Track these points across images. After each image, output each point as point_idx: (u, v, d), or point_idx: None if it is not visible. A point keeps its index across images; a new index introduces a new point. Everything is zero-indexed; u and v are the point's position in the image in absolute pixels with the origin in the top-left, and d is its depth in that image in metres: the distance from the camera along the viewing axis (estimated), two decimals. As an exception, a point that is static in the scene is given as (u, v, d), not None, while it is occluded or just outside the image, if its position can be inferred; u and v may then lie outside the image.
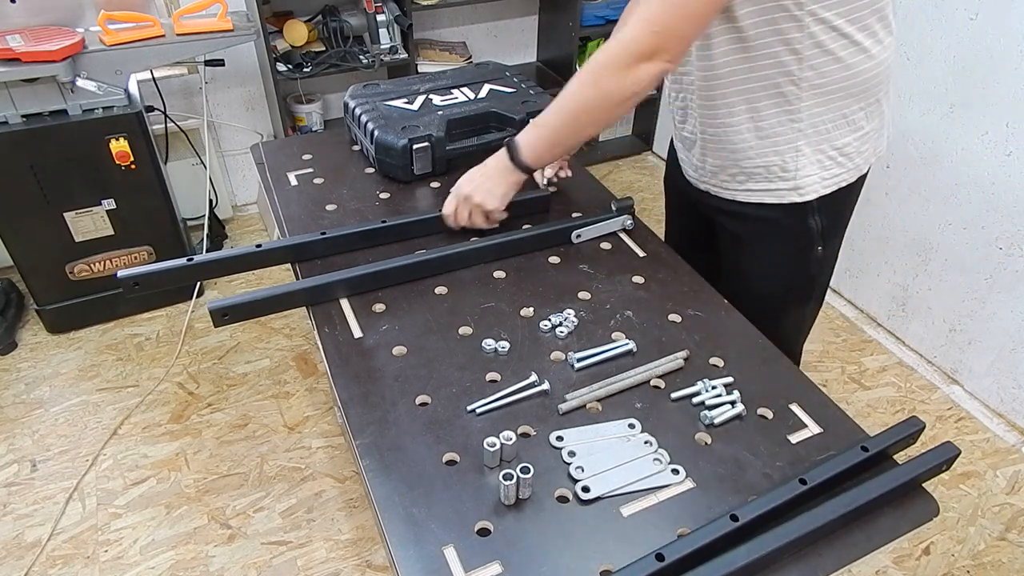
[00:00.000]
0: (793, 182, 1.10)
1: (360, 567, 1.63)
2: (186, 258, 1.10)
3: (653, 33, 0.92)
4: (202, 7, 2.04)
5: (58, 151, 1.96)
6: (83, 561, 1.64)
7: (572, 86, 1.01)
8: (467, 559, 0.74)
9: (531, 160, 1.09)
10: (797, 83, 1.01)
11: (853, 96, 1.04)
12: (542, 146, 1.08)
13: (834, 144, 1.07)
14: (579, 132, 1.06)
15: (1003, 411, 2.04)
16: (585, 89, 1.00)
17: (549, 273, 1.15)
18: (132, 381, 2.11)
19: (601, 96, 0.99)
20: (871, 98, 1.06)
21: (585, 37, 2.87)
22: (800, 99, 1.02)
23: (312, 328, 1.05)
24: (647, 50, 0.93)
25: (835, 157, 1.08)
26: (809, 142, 1.06)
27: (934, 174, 2.06)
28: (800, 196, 1.11)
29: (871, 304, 2.40)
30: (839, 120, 1.05)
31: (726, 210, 1.19)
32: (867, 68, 1.02)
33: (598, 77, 0.97)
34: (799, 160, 1.08)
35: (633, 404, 0.92)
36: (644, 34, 0.92)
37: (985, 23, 1.81)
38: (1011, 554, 1.69)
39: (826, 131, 1.06)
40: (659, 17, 0.91)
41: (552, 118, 1.05)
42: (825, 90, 1.02)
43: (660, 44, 0.92)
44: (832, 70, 1.00)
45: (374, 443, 0.86)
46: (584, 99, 1.00)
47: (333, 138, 1.53)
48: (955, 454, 0.83)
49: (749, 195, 1.14)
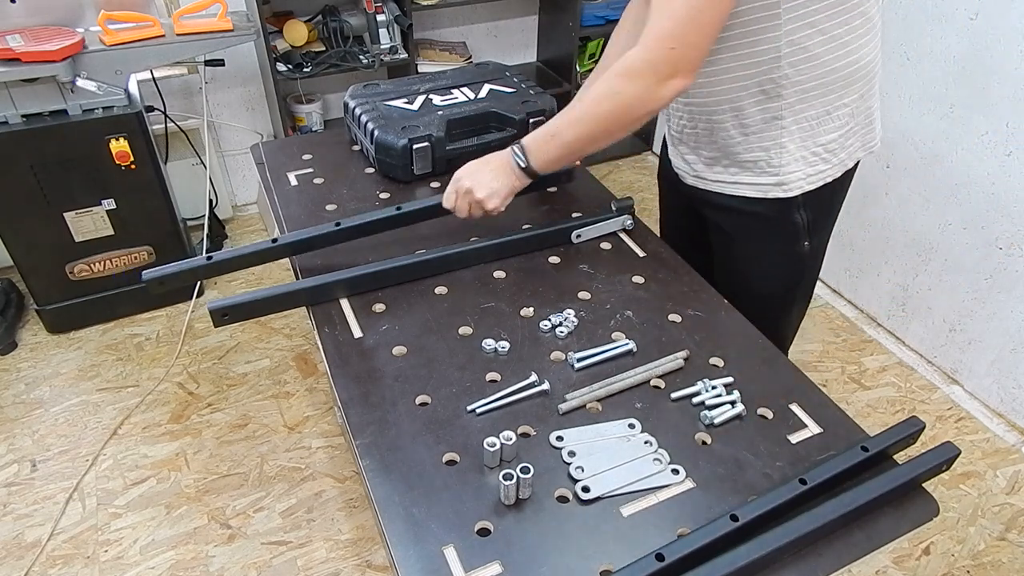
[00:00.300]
0: (777, 178, 1.11)
1: (360, 567, 1.63)
2: (205, 257, 1.12)
3: (670, 51, 0.91)
4: (202, 7, 2.04)
5: (58, 151, 1.96)
6: (83, 561, 1.64)
7: (590, 100, 1.00)
8: (467, 559, 0.74)
9: (539, 166, 1.07)
10: (778, 81, 1.02)
11: (835, 92, 1.04)
12: (552, 154, 1.06)
13: (818, 141, 1.08)
14: (592, 145, 1.04)
15: (1003, 411, 2.04)
16: (604, 104, 0.98)
17: (549, 273, 1.15)
18: (132, 381, 2.11)
19: (621, 112, 0.98)
20: (854, 94, 1.07)
21: (585, 37, 2.87)
22: (781, 96, 1.03)
23: (312, 328, 1.05)
24: (668, 69, 0.92)
25: (819, 153, 1.09)
26: (793, 139, 1.07)
27: (934, 174, 2.06)
28: (784, 192, 1.12)
29: (871, 304, 2.40)
30: (823, 116, 1.06)
31: (715, 204, 1.20)
32: (848, 63, 1.02)
33: (619, 94, 0.96)
34: (783, 156, 1.09)
35: (633, 404, 0.92)
36: (662, 52, 0.92)
37: (985, 23, 1.81)
38: (1011, 554, 1.69)
39: (810, 128, 1.07)
40: (673, 34, 0.90)
41: (566, 129, 1.03)
42: (806, 87, 1.02)
43: (679, 61, 0.92)
44: (811, 67, 1.00)
45: (374, 443, 0.86)
46: (602, 114, 0.99)
47: (333, 138, 1.53)
48: (955, 454, 0.83)
49: (736, 188, 1.15)
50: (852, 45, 1.01)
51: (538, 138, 1.07)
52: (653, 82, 0.93)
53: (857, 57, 1.03)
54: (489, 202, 1.10)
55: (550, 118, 1.41)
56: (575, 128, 1.03)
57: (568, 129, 1.03)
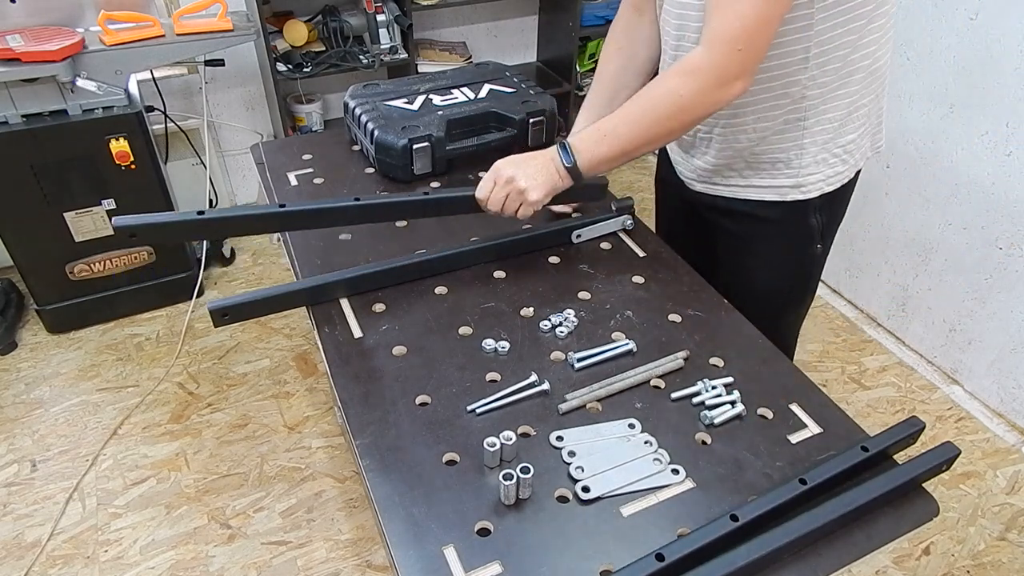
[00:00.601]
0: (796, 179, 1.10)
1: (360, 567, 1.63)
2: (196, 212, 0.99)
3: (737, 52, 0.90)
4: (202, 7, 2.04)
5: (58, 151, 1.96)
6: (83, 561, 1.64)
7: (648, 100, 0.98)
8: (467, 559, 0.74)
9: (587, 167, 1.03)
10: (804, 83, 1.01)
11: (858, 93, 1.04)
12: (602, 154, 1.02)
13: (838, 142, 1.07)
14: (646, 146, 1.02)
15: (1003, 411, 2.04)
16: (664, 105, 0.96)
17: (549, 273, 1.15)
18: (132, 381, 2.11)
19: (681, 114, 0.96)
20: (871, 94, 1.06)
21: (585, 37, 2.87)
22: (805, 98, 1.02)
23: (312, 328, 1.05)
24: (736, 71, 0.91)
25: (839, 155, 1.09)
26: (814, 140, 1.06)
27: (934, 174, 2.06)
28: (803, 194, 1.11)
29: (871, 304, 2.40)
30: (844, 118, 1.05)
31: (724, 209, 1.19)
32: (869, 63, 1.02)
33: (681, 96, 0.94)
34: (803, 158, 1.08)
35: (633, 404, 0.92)
36: (730, 55, 0.90)
37: (985, 23, 1.81)
38: (1011, 554, 1.69)
39: (832, 129, 1.06)
40: (741, 36, 0.88)
41: (621, 128, 1.00)
42: (830, 88, 1.02)
43: (745, 62, 0.91)
44: (837, 67, 1.00)
45: (374, 443, 0.86)
46: (662, 116, 0.97)
47: (333, 138, 1.53)
48: (955, 454, 0.83)
49: (751, 192, 1.14)
50: (874, 45, 1.00)
51: (587, 137, 1.03)
52: (716, 84, 0.92)
53: (877, 56, 1.02)
54: (532, 193, 1.02)
55: (550, 118, 1.43)
56: (631, 128, 0.99)
57: (623, 128, 1.00)
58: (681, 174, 1.25)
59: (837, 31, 0.96)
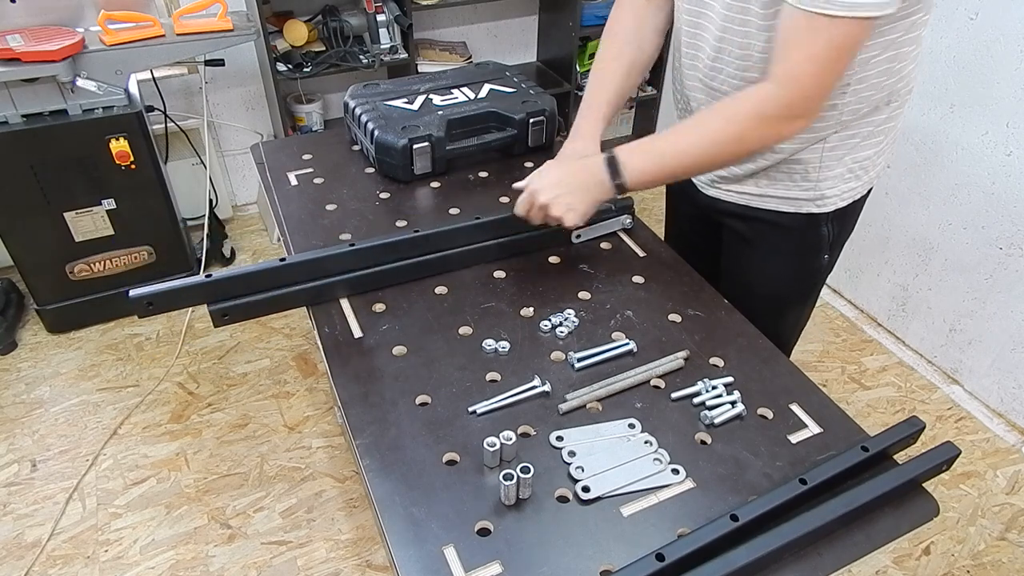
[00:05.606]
0: (814, 192, 1.09)
1: (360, 567, 1.63)
2: (205, 275, 1.02)
3: (804, 95, 0.89)
4: (202, 7, 2.04)
5: (58, 151, 1.96)
6: (83, 561, 1.63)
7: (711, 127, 0.97)
8: (467, 559, 0.74)
9: (633, 184, 1.01)
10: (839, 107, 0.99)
11: (884, 113, 1.03)
12: (650, 173, 1.00)
13: (856, 158, 1.07)
14: (696, 171, 1.01)
15: (1003, 411, 2.04)
16: (725, 134, 0.96)
17: (549, 273, 1.15)
18: (132, 381, 2.11)
19: (740, 147, 0.96)
20: (895, 111, 1.05)
21: (585, 37, 2.87)
22: (841, 122, 1.01)
23: (312, 328, 1.05)
24: (800, 109, 0.91)
25: (855, 171, 1.08)
26: (837, 155, 1.06)
27: (934, 174, 2.06)
28: (818, 207, 1.10)
29: (871, 304, 2.40)
30: (867, 135, 1.05)
31: (738, 213, 1.18)
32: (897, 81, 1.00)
33: (744, 127, 0.94)
34: (822, 172, 1.07)
35: (633, 404, 0.92)
36: (799, 94, 0.89)
37: (985, 23, 1.81)
38: (1011, 554, 1.69)
39: (855, 146, 1.05)
40: (813, 76, 0.88)
41: (676, 149, 0.99)
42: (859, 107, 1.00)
43: (811, 100, 0.91)
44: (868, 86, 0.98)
45: (374, 443, 0.86)
46: (721, 143, 0.96)
47: (333, 138, 1.53)
48: (955, 454, 0.83)
49: (766, 201, 1.13)
50: (906, 61, 0.98)
51: (638, 153, 1.01)
52: (780, 122, 0.92)
53: (906, 73, 1.01)
54: (569, 220, 1.02)
55: (550, 118, 1.43)
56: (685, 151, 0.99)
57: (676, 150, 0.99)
58: (696, 180, 1.25)
59: (875, 51, 0.94)
